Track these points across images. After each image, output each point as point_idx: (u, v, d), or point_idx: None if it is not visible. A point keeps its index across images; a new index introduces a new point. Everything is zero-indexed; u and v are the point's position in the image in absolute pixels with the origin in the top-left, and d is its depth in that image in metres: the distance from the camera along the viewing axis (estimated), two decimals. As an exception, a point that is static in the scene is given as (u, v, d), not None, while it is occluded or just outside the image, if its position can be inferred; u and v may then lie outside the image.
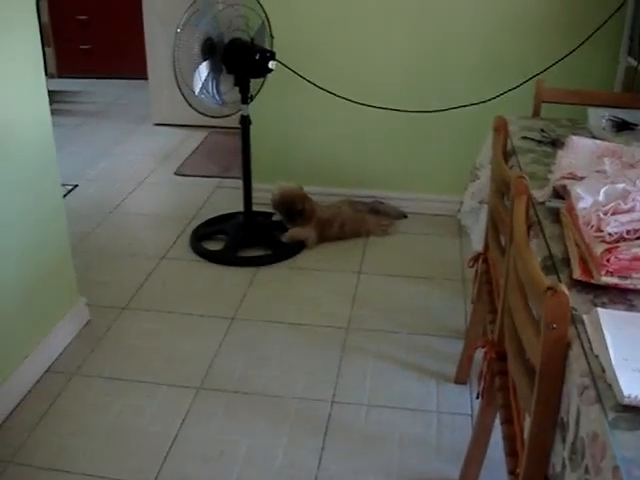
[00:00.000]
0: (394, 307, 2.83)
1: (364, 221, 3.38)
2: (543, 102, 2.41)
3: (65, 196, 3.81)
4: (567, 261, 1.39)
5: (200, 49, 2.97)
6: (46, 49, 6.17)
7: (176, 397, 2.33)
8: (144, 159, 4.40)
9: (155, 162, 4.34)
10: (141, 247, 3.30)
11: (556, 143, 2.03)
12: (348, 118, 3.47)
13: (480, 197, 2.39)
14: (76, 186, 3.96)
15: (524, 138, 2.09)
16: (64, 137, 4.71)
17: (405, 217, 3.55)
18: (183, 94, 3.01)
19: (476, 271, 2.21)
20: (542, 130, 2.12)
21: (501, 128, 1.95)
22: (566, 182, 1.61)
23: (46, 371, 2.45)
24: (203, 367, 2.46)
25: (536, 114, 2.42)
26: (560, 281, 1.33)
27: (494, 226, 1.93)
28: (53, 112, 5.41)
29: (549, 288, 1.13)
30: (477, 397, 1.80)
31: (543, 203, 1.64)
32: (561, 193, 1.63)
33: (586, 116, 2.26)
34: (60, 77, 6.23)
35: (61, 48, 6.17)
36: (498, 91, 3.23)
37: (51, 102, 5.52)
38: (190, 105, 3.05)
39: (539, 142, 2.06)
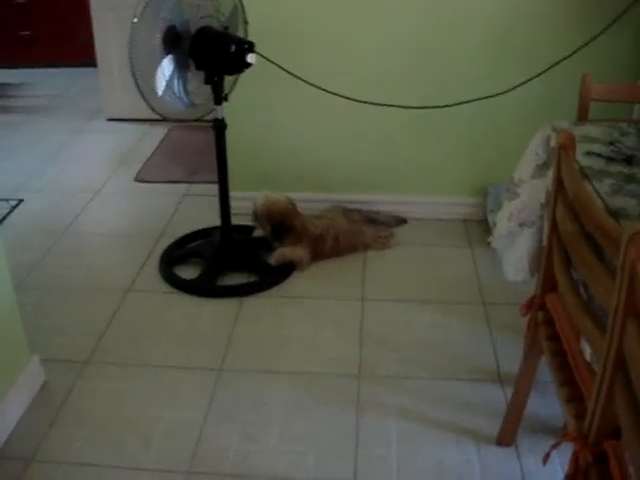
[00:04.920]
0: (409, 343, 2.40)
1: (361, 233, 2.93)
2: (592, 101, 1.98)
3: (8, 214, 3.28)
4: None
5: (162, 41, 2.46)
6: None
7: (160, 487, 1.87)
8: (98, 163, 3.86)
9: (111, 167, 3.81)
10: (102, 278, 2.80)
11: (632, 161, 1.60)
12: (338, 115, 2.98)
13: (521, 219, 1.96)
14: (21, 201, 3.41)
15: (589, 154, 1.66)
16: (3, 140, 4.16)
17: (405, 222, 3.11)
18: (144, 96, 2.51)
19: (530, 320, 1.78)
20: (611, 143, 1.69)
21: (570, 146, 1.51)
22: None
23: (-4, 457, 1.97)
24: (190, 443, 2.00)
25: (582, 117, 1.99)
26: None
27: (566, 273, 1.50)
28: (-9, 109, 4.90)
29: None
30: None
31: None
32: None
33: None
34: (-2, 67, 5.60)
35: (-3, 35, 5.53)
36: (511, 83, 2.78)
37: (-12, 97, 5.00)
38: (153, 109, 2.54)
39: (609, 159, 1.63)
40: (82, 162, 3.88)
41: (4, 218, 3.22)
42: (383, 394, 2.17)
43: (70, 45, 5.25)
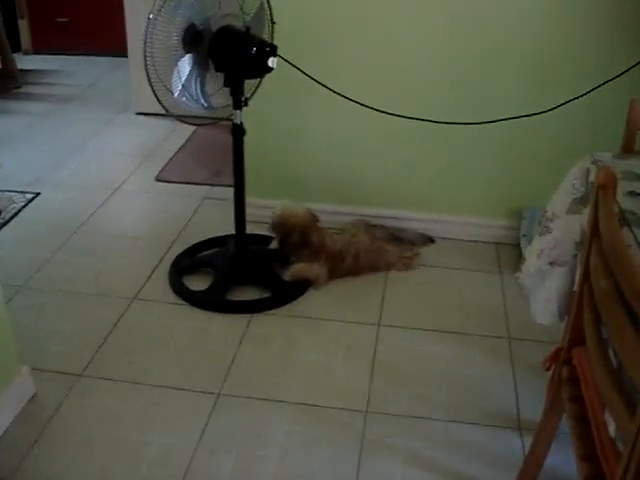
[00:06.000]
0: (424, 378, 2.22)
1: (383, 252, 2.75)
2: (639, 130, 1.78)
3: (23, 209, 3.18)
4: None
5: (180, 39, 2.33)
6: (20, 21, 5.49)
7: (139, 522, 1.74)
8: (121, 159, 3.75)
9: (134, 163, 3.69)
10: (109, 282, 2.68)
11: (682, 205, 1.41)
12: (366, 126, 2.82)
13: (552, 257, 1.78)
14: (38, 194, 3.32)
15: (632, 194, 1.47)
16: (31, 129, 4.09)
17: (432, 242, 2.93)
18: (157, 96, 2.37)
19: (553, 375, 1.60)
20: (658, 183, 1.50)
21: (610, 186, 1.32)
22: None
23: (-28, 474, 1.85)
24: (178, 472, 1.86)
25: (629, 147, 1.79)
26: None
27: (595, 330, 1.32)
28: (23, 96, 4.82)
29: None
30: None
31: None
32: None
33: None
34: (35, 53, 5.54)
35: (36, 21, 5.47)
36: (553, 103, 2.57)
37: (23, 84, 4.93)
38: (167, 110, 2.41)
39: (655, 202, 1.43)
40: (105, 157, 3.78)
41: (17, 213, 3.12)
42: (390, 434, 2.00)
43: (106, 34, 5.17)
